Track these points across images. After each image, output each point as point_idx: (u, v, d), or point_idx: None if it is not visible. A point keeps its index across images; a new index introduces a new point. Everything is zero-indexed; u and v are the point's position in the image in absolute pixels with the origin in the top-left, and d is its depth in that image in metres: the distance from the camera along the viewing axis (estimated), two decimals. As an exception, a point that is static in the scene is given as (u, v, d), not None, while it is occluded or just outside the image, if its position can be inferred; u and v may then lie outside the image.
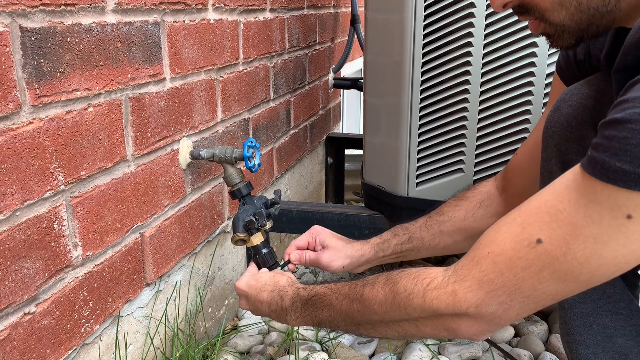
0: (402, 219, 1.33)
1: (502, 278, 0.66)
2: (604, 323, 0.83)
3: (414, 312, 0.74)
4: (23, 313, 0.76)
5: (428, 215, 1.10)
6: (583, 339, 0.85)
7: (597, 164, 0.58)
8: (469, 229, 1.04)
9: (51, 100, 0.78)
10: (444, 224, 1.06)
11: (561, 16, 0.68)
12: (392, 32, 1.28)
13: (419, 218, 1.10)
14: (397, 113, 1.32)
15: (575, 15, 0.67)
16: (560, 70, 0.93)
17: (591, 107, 0.81)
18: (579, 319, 0.85)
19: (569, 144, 0.83)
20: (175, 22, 1.06)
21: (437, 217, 1.08)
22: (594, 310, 0.84)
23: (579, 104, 0.83)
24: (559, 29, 0.70)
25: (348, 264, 1.10)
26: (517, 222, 0.67)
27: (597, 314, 0.84)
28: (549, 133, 0.86)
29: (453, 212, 1.06)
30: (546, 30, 0.72)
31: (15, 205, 0.73)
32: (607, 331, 0.83)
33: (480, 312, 0.69)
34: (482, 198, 1.05)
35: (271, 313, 0.97)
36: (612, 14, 0.66)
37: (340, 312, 0.85)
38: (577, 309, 0.85)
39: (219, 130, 1.28)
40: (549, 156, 0.86)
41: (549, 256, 0.63)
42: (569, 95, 0.86)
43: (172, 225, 1.12)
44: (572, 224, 0.61)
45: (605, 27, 0.69)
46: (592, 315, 0.84)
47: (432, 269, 0.75)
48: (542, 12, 0.69)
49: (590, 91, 0.83)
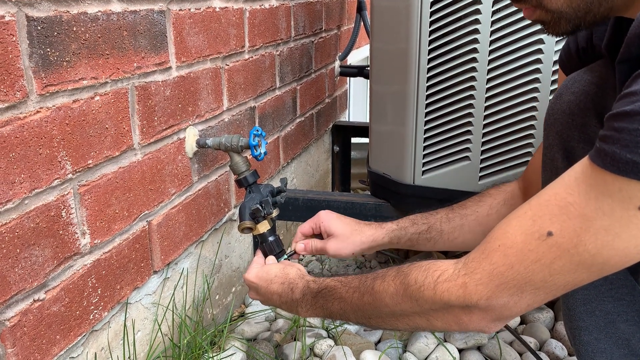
0: (408, 207, 1.33)
1: (513, 271, 0.67)
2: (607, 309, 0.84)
3: (424, 304, 0.75)
4: (33, 300, 0.77)
5: (450, 208, 1.08)
6: (586, 325, 0.85)
7: (607, 156, 0.58)
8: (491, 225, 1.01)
9: (58, 90, 0.78)
10: (466, 217, 1.05)
11: (559, 3, 0.67)
12: (399, 19, 1.28)
13: (439, 209, 1.09)
14: (403, 101, 1.31)
15: (574, 2, 0.67)
16: (562, 63, 0.93)
17: (593, 94, 0.81)
18: (582, 305, 0.85)
19: (571, 131, 0.83)
20: (180, 10, 1.06)
21: (460, 210, 1.07)
22: (597, 296, 0.84)
23: (581, 90, 0.83)
24: (555, 16, 0.69)
25: (358, 251, 1.09)
26: (528, 215, 0.67)
27: (600, 300, 0.84)
28: (551, 120, 0.86)
29: (477, 207, 1.06)
30: (542, 17, 0.71)
31: (23, 193, 0.74)
32: (609, 317, 0.84)
33: (491, 304, 0.69)
34: (506, 197, 1.05)
35: (282, 304, 0.97)
36: (609, 2, 0.66)
37: (351, 305, 0.85)
38: (580, 295, 0.85)
39: (225, 118, 1.29)
40: (551, 143, 0.86)
41: (559, 248, 0.63)
42: (571, 82, 0.85)
43: (179, 214, 1.13)
44: (583, 216, 0.61)
45: (602, 15, 0.68)
46: (595, 301, 0.84)
47: (443, 262, 0.76)
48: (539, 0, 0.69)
49: (593, 78, 0.82)
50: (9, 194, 0.72)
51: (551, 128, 0.86)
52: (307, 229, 1.13)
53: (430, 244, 1.08)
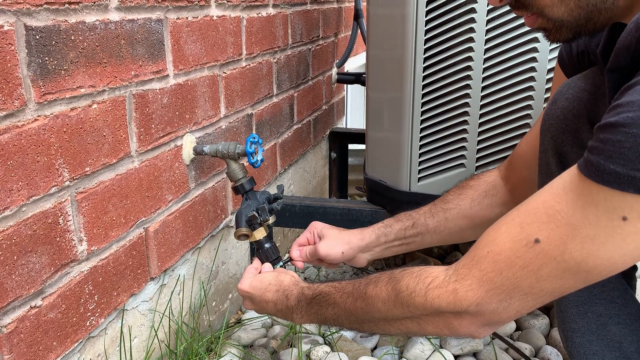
0: (404, 213, 1.34)
1: (501, 277, 0.68)
2: (599, 311, 0.85)
3: (416, 310, 0.76)
4: (30, 306, 0.78)
5: (432, 203, 1.09)
6: (578, 327, 0.86)
7: (593, 167, 0.59)
8: (475, 217, 1.04)
9: (56, 98, 0.79)
10: (449, 211, 1.06)
11: (560, 12, 0.68)
12: (394, 27, 1.29)
13: (422, 206, 1.10)
14: (399, 108, 1.32)
15: (575, 11, 0.68)
16: (562, 62, 0.94)
17: (586, 100, 0.83)
18: (574, 307, 0.86)
19: (564, 136, 0.84)
20: (178, 19, 1.07)
21: (442, 204, 1.08)
22: (589, 298, 0.85)
23: (575, 97, 0.84)
24: (557, 24, 0.70)
25: (347, 249, 1.09)
26: (516, 222, 0.68)
27: (592, 302, 0.85)
28: (546, 125, 0.87)
29: (458, 200, 1.06)
30: (543, 25, 0.72)
31: (21, 201, 0.75)
32: (601, 319, 0.85)
33: (481, 310, 0.70)
34: (487, 187, 1.05)
35: (277, 312, 0.98)
36: (610, 11, 0.67)
37: (344, 310, 0.86)
38: (572, 297, 0.86)
39: (222, 126, 1.30)
40: (546, 148, 0.88)
41: (546, 255, 0.64)
42: (566, 88, 0.87)
43: (176, 220, 1.13)
44: (569, 225, 0.62)
45: (602, 23, 0.69)
46: (587, 304, 0.85)
47: (434, 268, 0.77)
48: (540, 8, 0.70)
49: (586, 85, 0.84)
50: (6, 201, 0.72)
51: (546, 133, 0.88)
52: (303, 239, 1.14)
53: (419, 239, 1.08)
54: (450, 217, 1.06)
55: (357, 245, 1.09)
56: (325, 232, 1.11)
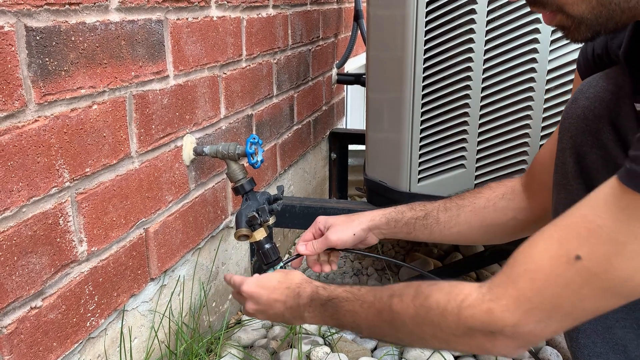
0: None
1: (540, 296, 0.65)
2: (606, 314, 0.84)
3: (447, 329, 0.73)
4: (30, 307, 0.78)
5: (449, 198, 1.08)
6: (584, 328, 0.85)
7: (637, 177, 0.56)
8: (487, 217, 1.03)
9: (56, 99, 0.79)
10: (463, 207, 1.04)
11: (581, 9, 0.65)
12: (395, 28, 1.29)
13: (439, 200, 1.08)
14: (399, 108, 1.32)
15: (596, 9, 0.64)
16: (580, 68, 0.92)
17: (608, 101, 0.80)
18: None
19: (584, 137, 0.82)
20: (178, 19, 1.07)
21: (458, 200, 1.06)
22: None
23: (596, 96, 0.81)
24: (576, 22, 0.67)
25: (359, 230, 1.07)
26: (554, 238, 0.65)
27: None
28: (566, 124, 0.85)
29: (474, 198, 1.05)
30: (562, 23, 0.68)
31: (21, 201, 0.75)
32: (607, 322, 0.84)
33: (518, 331, 0.67)
34: (505, 190, 1.04)
35: (286, 310, 0.94)
36: (633, 10, 0.63)
37: (366, 321, 0.83)
38: None
39: (222, 126, 1.30)
40: (564, 147, 0.85)
41: (588, 273, 0.61)
42: (586, 87, 0.84)
43: (176, 221, 1.14)
44: (613, 240, 0.59)
45: (624, 23, 0.66)
46: None
47: (465, 285, 0.74)
48: (560, 5, 0.66)
49: (608, 84, 0.81)
50: (7, 202, 0.72)
51: (565, 132, 0.85)
52: (309, 235, 1.12)
53: (427, 232, 1.07)
54: (462, 214, 1.04)
55: (368, 225, 1.07)
56: (332, 221, 1.09)
